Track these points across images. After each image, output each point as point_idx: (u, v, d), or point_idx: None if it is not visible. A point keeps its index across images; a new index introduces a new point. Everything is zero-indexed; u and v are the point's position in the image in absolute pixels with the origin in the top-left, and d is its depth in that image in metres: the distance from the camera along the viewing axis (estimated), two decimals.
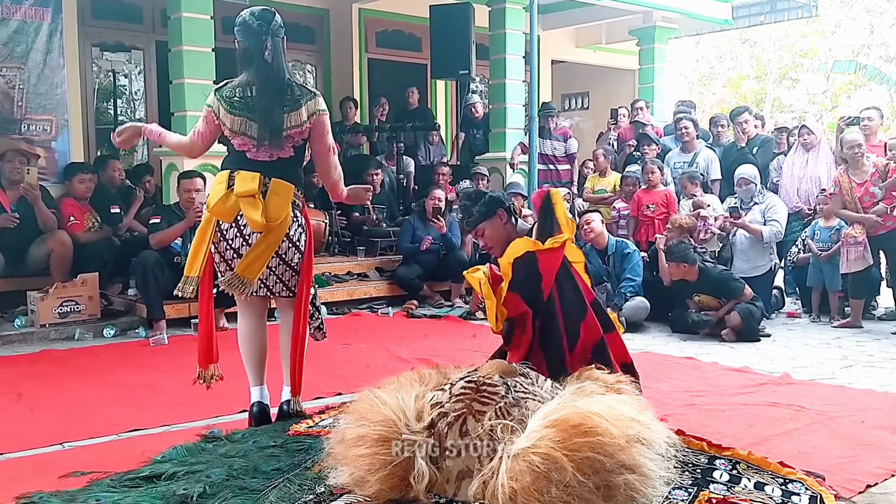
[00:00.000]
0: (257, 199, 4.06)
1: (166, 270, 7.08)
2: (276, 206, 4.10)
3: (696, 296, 7.29)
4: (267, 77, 4.13)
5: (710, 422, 4.42)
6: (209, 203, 4.16)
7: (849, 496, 3.34)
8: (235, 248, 4.13)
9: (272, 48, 4.14)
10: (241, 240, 4.13)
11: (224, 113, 4.12)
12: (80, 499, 3.09)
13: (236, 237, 4.13)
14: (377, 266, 9.23)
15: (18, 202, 7.52)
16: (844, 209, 7.63)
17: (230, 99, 4.12)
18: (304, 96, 4.16)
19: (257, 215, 4.03)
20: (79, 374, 5.70)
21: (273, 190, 4.10)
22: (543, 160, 10.01)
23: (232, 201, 4.08)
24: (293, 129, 4.12)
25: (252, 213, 4.04)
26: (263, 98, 4.09)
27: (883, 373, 5.77)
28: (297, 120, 4.12)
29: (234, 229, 4.13)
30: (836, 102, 25.28)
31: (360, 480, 3.09)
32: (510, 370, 3.40)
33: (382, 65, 12.96)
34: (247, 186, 4.06)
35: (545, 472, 2.76)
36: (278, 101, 4.10)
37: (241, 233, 4.12)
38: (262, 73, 4.13)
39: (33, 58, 8.23)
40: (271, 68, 4.14)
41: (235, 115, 4.10)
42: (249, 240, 4.12)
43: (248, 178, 4.08)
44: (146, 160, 11.56)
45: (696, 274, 7.22)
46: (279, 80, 4.15)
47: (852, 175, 7.59)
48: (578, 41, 14.57)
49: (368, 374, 5.17)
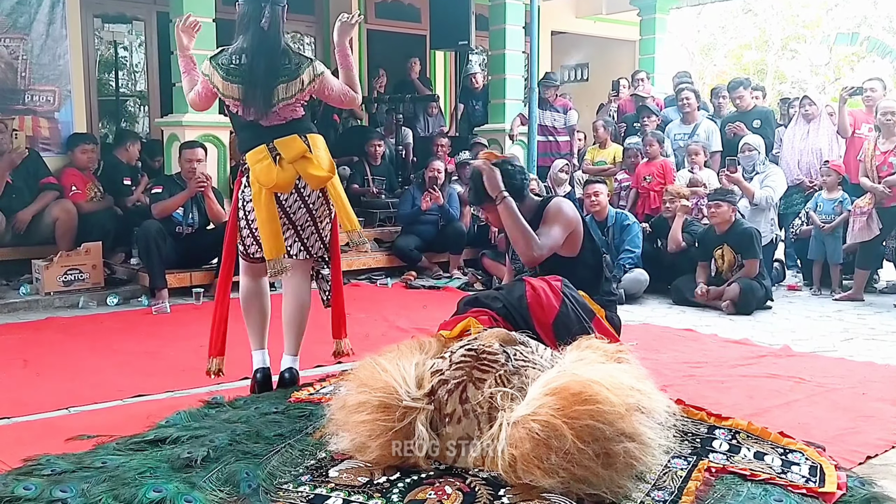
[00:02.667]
0: (308, 156, 4.08)
1: (168, 240, 7.13)
2: (324, 158, 4.16)
3: (719, 248, 7.26)
4: (260, 44, 4.09)
5: (710, 393, 4.44)
6: (261, 181, 4.07)
7: (849, 467, 3.34)
8: (292, 214, 4.15)
9: (270, 16, 4.10)
10: (301, 202, 4.15)
11: (218, 79, 4.12)
12: (87, 461, 3.12)
13: (295, 202, 4.14)
14: (376, 237, 9.24)
15: (15, 172, 7.55)
16: (865, 177, 7.61)
17: (226, 66, 4.11)
18: (301, 64, 4.14)
19: (319, 170, 4.09)
20: (83, 341, 5.74)
21: (313, 144, 4.14)
22: (543, 131, 9.97)
23: (288, 169, 4.07)
24: (290, 100, 4.10)
25: (313, 170, 4.08)
26: (256, 66, 4.06)
27: (884, 345, 5.79)
28: (292, 90, 4.09)
29: (293, 195, 4.13)
30: (838, 74, 25.15)
31: (360, 446, 3.12)
32: (510, 338, 3.41)
33: (381, 36, 12.90)
34: (296, 149, 4.08)
35: (545, 439, 2.78)
36: (272, 73, 4.07)
37: (300, 197, 4.14)
38: (256, 40, 4.10)
39: (36, 28, 8.19)
40: (267, 36, 4.11)
41: (230, 81, 4.09)
42: (309, 201, 4.15)
43: (289, 141, 4.09)
44: (148, 132, 11.56)
45: (731, 221, 7.21)
46: (273, 48, 4.12)
47: (880, 143, 7.53)
48: (579, 11, 14.47)
49: (368, 343, 5.20)
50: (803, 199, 8.55)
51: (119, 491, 2.82)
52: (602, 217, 7.80)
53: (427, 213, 8.83)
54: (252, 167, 4.12)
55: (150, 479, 2.91)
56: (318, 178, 4.09)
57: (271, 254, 4.08)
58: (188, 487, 2.88)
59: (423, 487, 2.93)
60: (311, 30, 12.54)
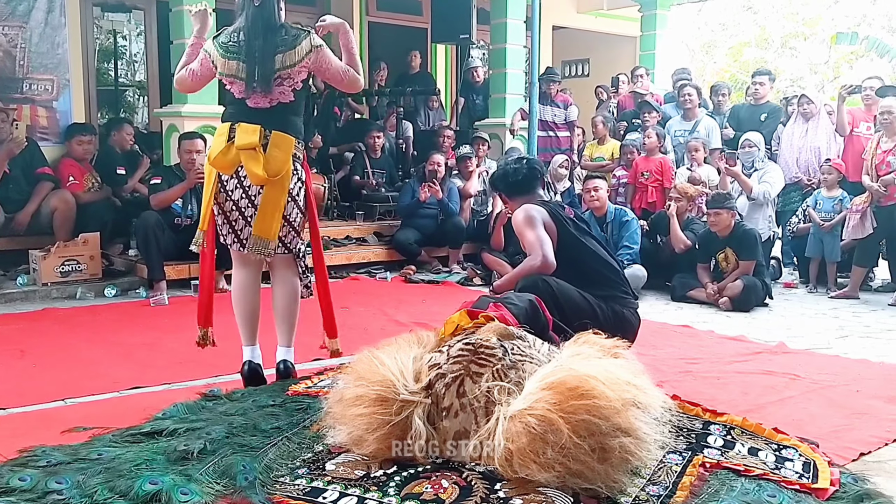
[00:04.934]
0: (258, 151, 4.04)
1: (167, 231, 7.11)
2: (277, 159, 4.07)
3: (721, 252, 7.26)
4: (255, 19, 4.12)
5: (706, 388, 4.45)
6: (210, 155, 4.15)
7: (842, 463, 3.37)
8: (235, 201, 4.13)
9: None
10: (242, 191, 4.12)
11: (217, 56, 4.15)
12: (82, 453, 3.12)
13: (236, 188, 4.12)
14: (375, 231, 9.25)
15: (13, 161, 7.55)
16: (867, 175, 7.61)
17: (225, 44, 4.15)
18: (299, 36, 4.15)
19: (259, 168, 4.02)
20: (80, 332, 5.74)
21: (273, 143, 4.08)
22: (543, 126, 9.97)
23: (233, 154, 4.06)
24: (289, 69, 4.11)
25: (253, 167, 4.02)
26: (253, 40, 4.09)
27: (878, 343, 5.81)
28: (292, 59, 4.10)
29: (234, 180, 4.12)
30: (837, 72, 25.13)
31: (357, 439, 3.13)
32: (508, 333, 3.42)
33: (383, 28, 12.88)
34: (248, 139, 4.04)
35: (541, 433, 2.79)
36: (270, 43, 4.09)
37: (241, 184, 4.12)
38: (251, 15, 4.13)
39: (35, 16, 8.18)
40: (261, 11, 4.13)
41: (229, 58, 4.12)
42: (250, 191, 4.12)
43: (249, 130, 4.06)
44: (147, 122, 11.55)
45: (731, 227, 7.20)
46: (269, 22, 4.14)
47: (883, 141, 7.53)
48: (580, 6, 14.45)
49: (366, 336, 5.20)
50: (801, 196, 8.56)
51: (115, 483, 2.83)
52: (601, 213, 7.79)
53: (427, 207, 8.83)
54: (213, 139, 4.20)
55: (146, 472, 2.91)
56: (254, 174, 4.05)
57: (202, 226, 4.22)
58: (184, 480, 2.89)
59: (420, 481, 2.94)
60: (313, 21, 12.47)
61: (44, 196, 7.52)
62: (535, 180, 4.75)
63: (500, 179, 4.88)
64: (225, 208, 4.18)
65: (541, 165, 5.00)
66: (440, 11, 10.69)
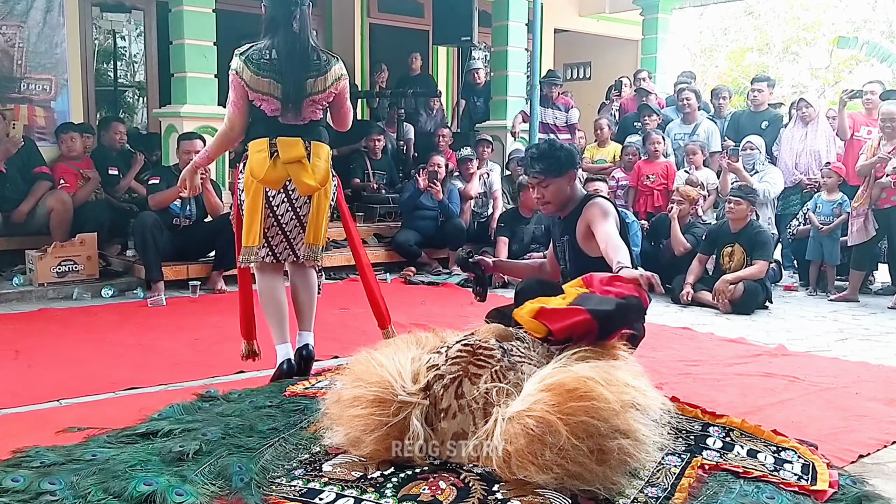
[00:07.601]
0: (304, 163, 4.16)
1: (165, 232, 7.10)
2: (321, 168, 4.24)
3: (729, 246, 7.19)
4: (293, 45, 4.19)
5: (705, 390, 4.44)
6: (253, 173, 4.16)
7: (841, 465, 3.36)
8: (279, 215, 4.23)
9: (300, 18, 4.22)
10: (288, 204, 4.22)
11: (249, 74, 4.14)
12: (77, 453, 3.10)
13: (283, 203, 4.22)
14: (376, 232, 9.23)
15: (9, 160, 7.53)
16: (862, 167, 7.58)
17: (257, 61, 4.15)
18: (329, 62, 4.26)
19: (310, 179, 4.17)
20: (77, 332, 5.72)
21: (314, 153, 4.22)
22: (544, 129, 9.97)
23: (280, 168, 4.14)
24: (318, 95, 4.20)
25: (304, 178, 4.16)
26: (289, 64, 4.14)
27: (878, 346, 5.80)
28: (322, 85, 4.21)
29: (280, 195, 4.21)
30: (838, 77, 25.14)
31: (355, 441, 3.11)
32: (506, 334, 3.40)
33: (384, 30, 12.87)
34: (293, 152, 4.15)
35: (539, 435, 2.77)
36: (304, 68, 4.17)
37: (288, 198, 4.21)
38: (289, 40, 4.18)
39: (33, 16, 8.17)
40: (298, 37, 4.20)
41: (262, 76, 4.13)
42: (296, 204, 4.23)
43: (292, 143, 4.16)
44: (146, 122, 11.53)
45: (746, 221, 7.14)
46: (305, 48, 4.21)
47: (883, 144, 7.49)
48: (582, 10, 14.45)
49: (365, 337, 5.15)
50: (801, 199, 8.56)
51: (109, 484, 2.81)
52: None
53: (427, 208, 8.82)
54: (250, 156, 4.20)
55: (141, 472, 2.90)
56: (306, 185, 4.19)
57: (247, 241, 4.20)
58: (179, 481, 2.87)
59: (418, 482, 2.93)
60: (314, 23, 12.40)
61: (41, 195, 7.50)
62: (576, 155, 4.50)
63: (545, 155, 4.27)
64: (266, 223, 4.23)
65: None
66: (441, 13, 10.68)
